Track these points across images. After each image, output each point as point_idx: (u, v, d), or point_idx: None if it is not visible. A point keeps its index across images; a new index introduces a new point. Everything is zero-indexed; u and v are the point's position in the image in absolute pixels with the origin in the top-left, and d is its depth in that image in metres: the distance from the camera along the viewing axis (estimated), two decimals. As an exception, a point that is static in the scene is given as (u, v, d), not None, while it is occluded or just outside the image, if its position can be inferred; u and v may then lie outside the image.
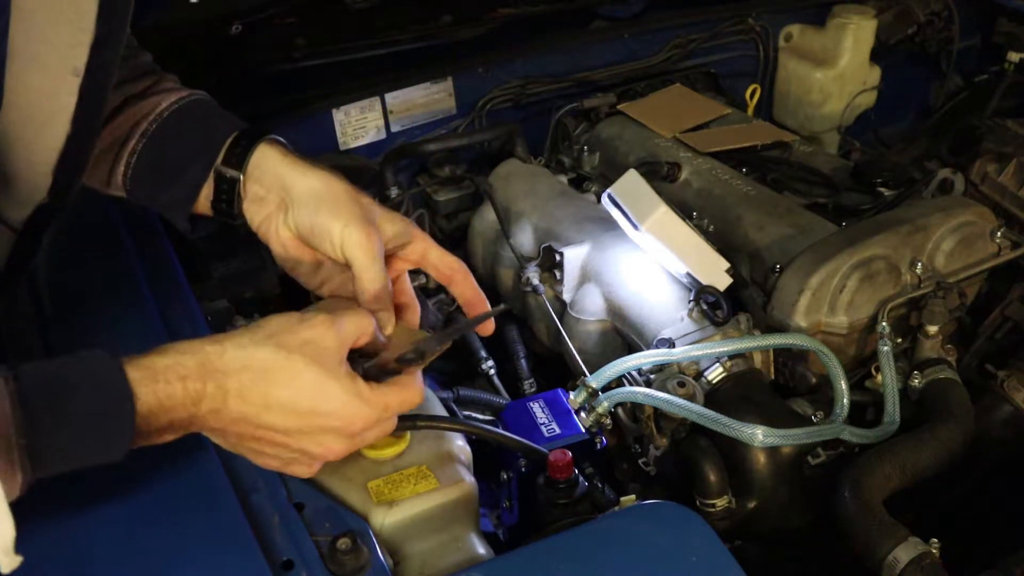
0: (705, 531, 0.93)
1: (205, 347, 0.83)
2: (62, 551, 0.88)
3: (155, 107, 1.05)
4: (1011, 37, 2.24)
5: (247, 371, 0.83)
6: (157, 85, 1.08)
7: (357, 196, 0.98)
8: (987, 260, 1.48)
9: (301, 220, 0.98)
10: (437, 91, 1.95)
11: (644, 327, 1.42)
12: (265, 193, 1.01)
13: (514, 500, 1.21)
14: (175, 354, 0.81)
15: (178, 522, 0.93)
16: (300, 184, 0.98)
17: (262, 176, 1.00)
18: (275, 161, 1.00)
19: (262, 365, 0.83)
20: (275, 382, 0.84)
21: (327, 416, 0.86)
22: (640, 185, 1.42)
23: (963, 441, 1.25)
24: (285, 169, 0.99)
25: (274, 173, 0.99)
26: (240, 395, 0.83)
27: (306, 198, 0.98)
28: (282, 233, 1.01)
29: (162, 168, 1.05)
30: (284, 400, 0.84)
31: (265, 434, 0.87)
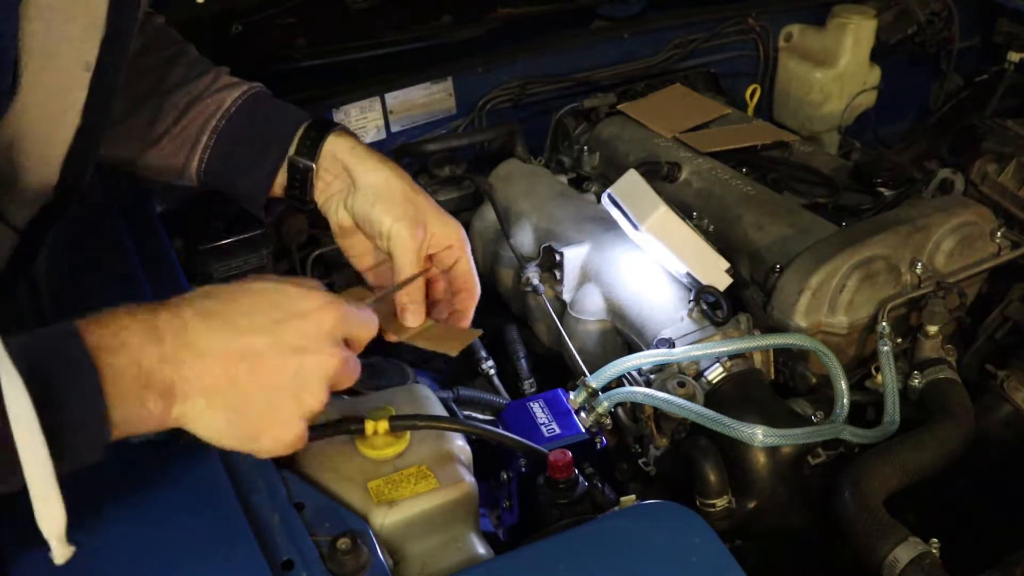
0: (705, 531, 0.93)
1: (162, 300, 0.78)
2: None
3: (221, 104, 1.11)
4: (1011, 37, 2.24)
5: (201, 292, 0.80)
6: (216, 82, 1.14)
7: (413, 195, 1.05)
8: (987, 260, 1.48)
9: (358, 209, 1.05)
10: (437, 91, 1.95)
11: (644, 327, 1.42)
12: (332, 179, 1.09)
13: (514, 500, 1.21)
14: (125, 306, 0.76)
15: (178, 522, 0.93)
16: (363, 176, 1.05)
17: (331, 165, 1.08)
18: (344, 151, 1.07)
19: (215, 290, 0.81)
20: (232, 295, 0.81)
21: (298, 316, 0.81)
22: (640, 185, 1.42)
23: (963, 441, 1.25)
24: (352, 160, 1.06)
25: (343, 163, 1.07)
26: (200, 311, 0.77)
27: (366, 190, 1.05)
28: (341, 215, 1.09)
29: (237, 161, 1.11)
30: (246, 307, 0.80)
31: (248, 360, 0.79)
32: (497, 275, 1.70)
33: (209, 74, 1.15)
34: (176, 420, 0.78)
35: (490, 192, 1.75)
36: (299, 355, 0.81)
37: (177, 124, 1.12)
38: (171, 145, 1.12)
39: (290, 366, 0.81)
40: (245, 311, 0.80)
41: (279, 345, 0.80)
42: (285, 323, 0.81)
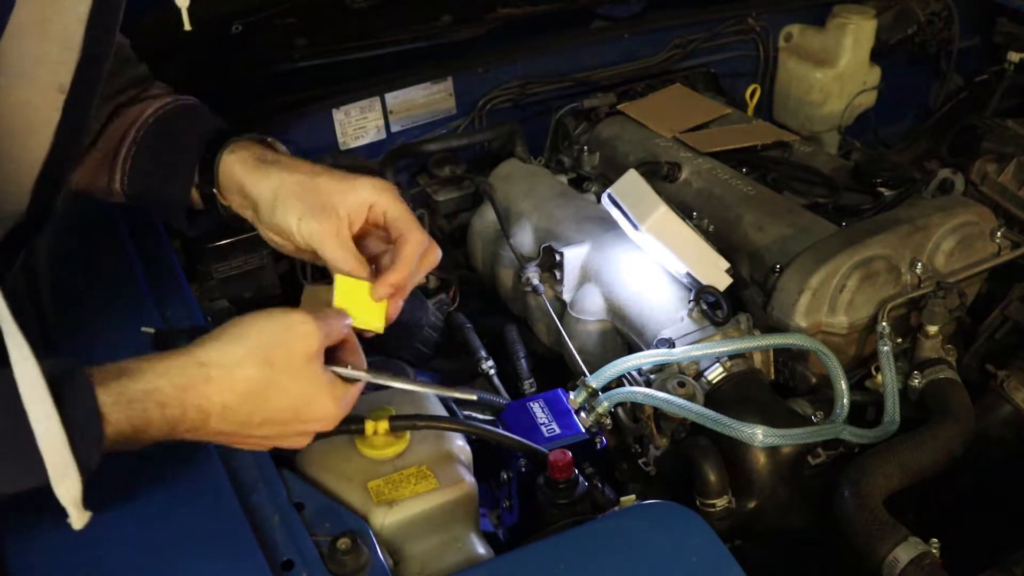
0: (705, 531, 0.93)
1: (186, 370, 0.81)
2: (63, 551, 0.88)
3: (140, 115, 1.07)
4: (1011, 37, 2.24)
5: (231, 393, 0.83)
6: (144, 92, 1.10)
7: (312, 181, 0.98)
8: (987, 260, 1.48)
9: (266, 222, 1.01)
10: (437, 91, 1.95)
11: (644, 327, 1.42)
12: (237, 200, 1.04)
13: (514, 500, 1.21)
14: (153, 377, 0.80)
15: (178, 522, 0.93)
16: (255, 190, 1.00)
17: (230, 187, 1.03)
18: (236, 170, 1.02)
19: (247, 387, 0.83)
20: (260, 402, 0.84)
21: (308, 421, 0.89)
22: (640, 185, 1.42)
23: (963, 441, 1.25)
24: (243, 177, 1.01)
25: (237, 184, 1.02)
26: (223, 417, 0.83)
27: (264, 202, 0.99)
28: (266, 234, 1.04)
29: (152, 176, 1.07)
30: (269, 416, 0.86)
31: (244, 440, 0.88)
32: (497, 275, 1.70)
33: (140, 85, 1.12)
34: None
35: (490, 192, 1.75)
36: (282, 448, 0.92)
37: (100, 136, 1.08)
38: (94, 159, 1.08)
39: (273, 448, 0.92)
40: (260, 421, 0.86)
41: (271, 444, 0.91)
42: (288, 437, 0.90)
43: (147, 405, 0.79)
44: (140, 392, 0.79)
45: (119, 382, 0.78)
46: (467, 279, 1.80)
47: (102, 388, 0.77)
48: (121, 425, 0.78)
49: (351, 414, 1.06)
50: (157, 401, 0.79)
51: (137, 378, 0.79)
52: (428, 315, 1.62)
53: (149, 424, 0.79)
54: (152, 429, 0.80)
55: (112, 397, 0.77)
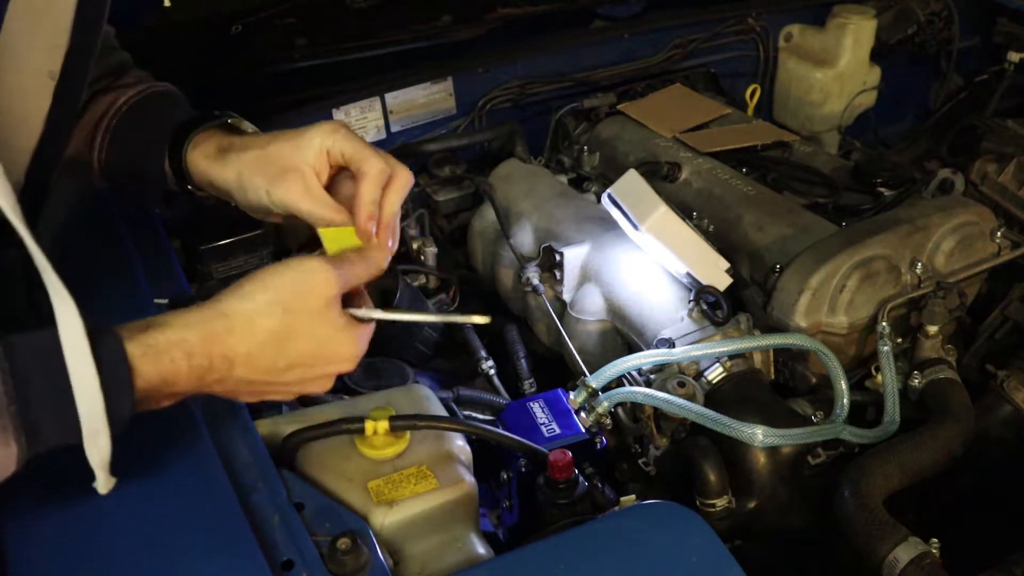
0: (705, 531, 0.93)
1: (210, 321, 0.83)
2: (63, 551, 0.88)
3: (114, 102, 1.09)
4: (1011, 37, 2.24)
5: (254, 342, 0.85)
6: (117, 81, 1.12)
7: (266, 154, 0.99)
8: (987, 260, 1.48)
9: (244, 205, 1.03)
10: (437, 91, 1.95)
11: (644, 327, 1.42)
12: (214, 191, 1.07)
13: (514, 500, 1.21)
14: (179, 328, 0.82)
15: (178, 522, 0.93)
16: (221, 179, 1.02)
17: (201, 181, 1.05)
18: (201, 165, 1.04)
19: (268, 334, 0.85)
20: (283, 347, 0.86)
21: (329, 363, 0.91)
22: (640, 185, 1.42)
23: (963, 441, 1.25)
24: (208, 170, 1.03)
25: (206, 178, 1.04)
26: (248, 364, 0.85)
27: (233, 188, 1.02)
28: (252, 213, 1.06)
29: (124, 163, 1.10)
30: (292, 360, 0.87)
31: (267, 387, 0.90)
32: (497, 275, 1.71)
33: (114, 73, 1.13)
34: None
35: (490, 192, 1.75)
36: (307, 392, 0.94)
37: (82, 117, 1.10)
38: (76, 138, 1.10)
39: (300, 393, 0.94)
40: (285, 365, 0.88)
41: (298, 388, 0.92)
42: (313, 379, 0.92)
43: (174, 355, 0.80)
44: (167, 343, 0.80)
45: (146, 334, 0.80)
46: (467, 279, 1.80)
47: (130, 341, 0.79)
48: (151, 377, 0.79)
49: (351, 415, 1.07)
50: (184, 351, 0.81)
51: (164, 330, 0.81)
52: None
53: (177, 375, 0.81)
54: (181, 381, 0.82)
55: (141, 349, 0.79)
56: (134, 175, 1.10)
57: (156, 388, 0.80)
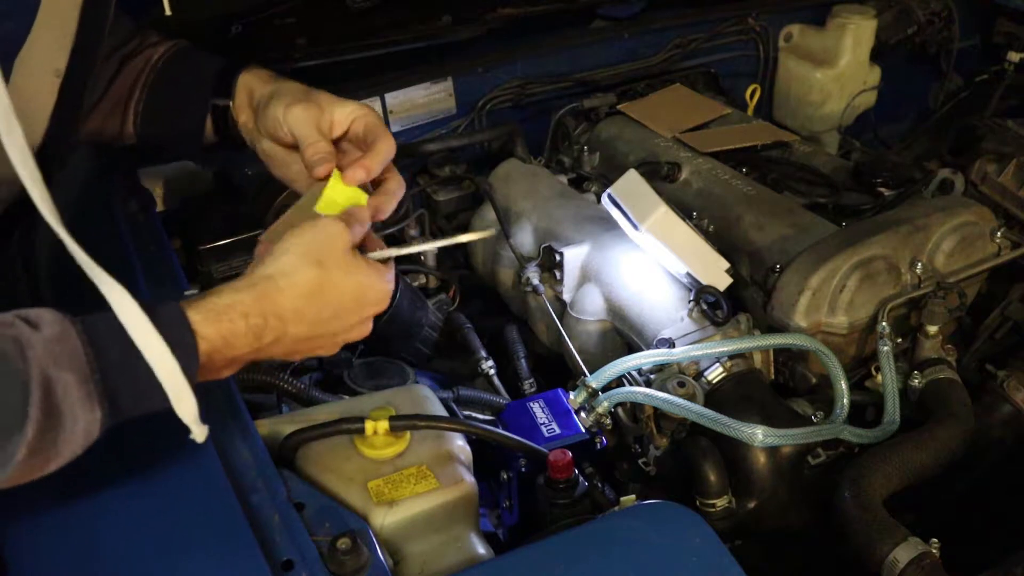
0: (705, 531, 0.93)
1: (258, 284, 0.89)
2: (64, 551, 0.88)
3: (149, 60, 1.18)
4: (1011, 37, 2.24)
5: (300, 296, 0.90)
6: (144, 41, 1.19)
7: (310, 91, 1.11)
8: (987, 260, 1.48)
9: (262, 121, 1.11)
10: (437, 91, 1.95)
11: (644, 327, 1.42)
12: (248, 114, 1.15)
13: (514, 500, 1.21)
14: (231, 292, 0.87)
15: (178, 522, 0.93)
16: (260, 90, 1.13)
17: (245, 100, 1.15)
18: (250, 81, 1.15)
19: (310, 287, 0.91)
20: (325, 297, 0.92)
21: (367, 305, 0.97)
22: (640, 185, 1.42)
23: (963, 441, 1.25)
24: (254, 83, 1.15)
25: (248, 91, 1.15)
26: (298, 319, 0.91)
27: (263, 99, 1.12)
28: (262, 144, 1.14)
29: (167, 111, 1.19)
30: (336, 308, 0.94)
31: (318, 341, 0.95)
32: (497, 275, 1.70)
33: (137, 36, 1.20)
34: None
35: (490, 192, 1.75)
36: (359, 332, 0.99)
37: (112, 84, 1.17)
38: (107, 105, 1.18)
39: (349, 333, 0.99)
40: (331, 315, 0.94)
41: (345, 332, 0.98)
42: (359, 322, 0.98)
43: (232, 316, 0.86)
44: (224, 306, 0.86)
45: (205, 300, 0.86)
46: (467, 279, 1.80)
47: (190, 308, 0.84)
48: (212, 338, 0.84)
49: (351, 415, 1.07)
50: (241, 312, 0.86)
51: (220, 295, 0.87)
52: (428, 315, 1.62)
53: (236, 335, 0.86)
54: (239, 342, 0.86)
55: (201, 314, 0.84)
56: (177, 118, 1.19)
57: (218, 350, 0.85)
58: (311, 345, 0.95)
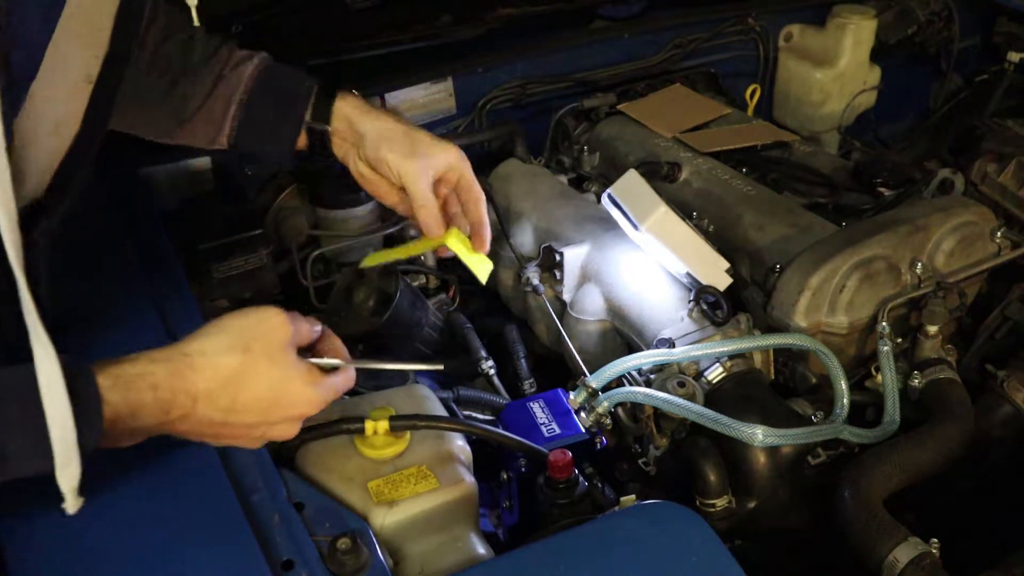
0: (705, 531, 0.93)
1: (173, 358, 0.88)
2: (63, 551, 0.88)
3: (241, 78, 1.25)
4: (1011, 37, 2.24)
5: (215, 379, 0.89)
6: (231, 58, 1.26)
7: (412, 133, 1.22)
8: (987, 260, 1.48)
9: (370, 155, 1.22)
10: (437, 91, 1.95)
11: (644, 327, 1.42)
12: (345, 136, 1.25)
13: (514, 500, 1.21)
14: (146, 362, 0.86)
15: (178, 522, 0.93)
16: (368, 128, 1.22)
17: (342, 124, 1.24)
18: (351, 111, 1.24)
19: (228, 372, 0.89)
20: (243, 386, 0.90)
21: (288, 406, 0.93)
22: (640, 185, 1.42)
23: (963, 441, 1.25)
24: (358, 117, 1.23)
25: (349, 120, 1.23)
26: (208, 400, 0.89)
27: (372, 138, 1.21)
28: (359, 166, 1.25)
29: (262, 129, 1.27)
30: (250, 400, 0.91)
31: (230, 429, 0.92)
32: (497, 275, 1.70)
33: (223, 50, 1.26)
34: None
35: (490, 192, 1.74)
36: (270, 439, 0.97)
37: (206, 101, 1.24)
38: (202, 120, 1.25)
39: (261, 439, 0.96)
40: (243, 407, 0.91)
41: (259, 434, 0.95)
42: (271, 424, 0.94)
43: (141, 387, 0.84)
44: (135, 375, 0.85)
45: (117, 366, 0.85)
46: (467, 279, 1.80)
47: (101, 373, 0.82)
48: (118, 406, 0.83)
49: (351, 415, 1.06)
50: (150, 383, 0.85)
51: (133, 363, 0.86)
52: (428, 315, 1.62)
53: (142, 406, 0.84)
54: (145, 413, 0.85)
55: (110, 380, 0.83)
56: (273, 132, 1.26)
57: (122, 419, 0.83)
58: (225, 432, 0.92)
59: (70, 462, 0.78)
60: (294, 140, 1.27)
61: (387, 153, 1.20)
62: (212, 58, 1.25)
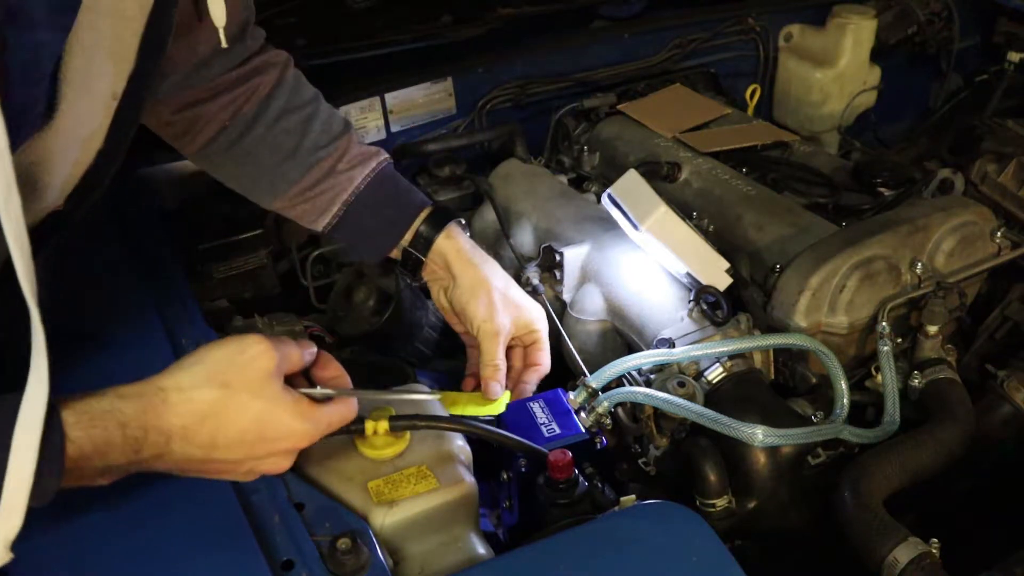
0: (705, 531, 0.93)
1: (145, 393, 0.84)
2: (62, 551, 0.88)
3: (352, 181, 1.28)
4: (1011, 37, 2.24)
5: (191, 415, 0.85)
6: (347, 153, 1.29)
7: (503, 291, 1.28)
8: (987, 260, 1.48)
9: (455, 302, 1.29)
10: (437, 91, 1.95)
11: (644, 327, 1.42)
12: (437, 270, 1.32)
13: (514, 500, 1.21)
14: (114, 398, 0.82)
15: (178, 522, 0.93)
16: (461, 276, 1.28)
17: (437, 259, 1.31)
18: (450, 253, 1.30)
19: (205, 408, 0.86)
20: (222, 422, 0.87)
21: (275, 440, 0.90)
22: (640, 185, 1.42)
23: (963, 441, 1.25)
24: (455, 260, 1.29)
25: (446, 261, 1.30)
26: (184, 438, 0.85)
27: (463, 287, 1.28)
28: (442, 299, 1.33)
29: (361, 233, 1.32)
30: (232, 436, 0.87)
31: (214, 466, 0.89)
32: (497, 275, 1.70)
33: (341, 140, 1.29)
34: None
35: (490, 192, 1.75)
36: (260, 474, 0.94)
37: (312, 190, 1.28)
38: (304, 205, 1.29)
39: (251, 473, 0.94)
40: (225, 443, 0.87)
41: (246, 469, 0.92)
42: (259, 459, 0.91)
43: (108, 424, 0.80)
44: (101, 411, 0.81)
45: (83, 402, 0.81)
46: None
47: (66, 408, 0.79)
48: (83, 444, 0.79)
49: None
50: (118, 421, 0.81)
51: (100, 399, 0.82)
52: (428, 315, 1.62)
53: (110, 445, 0.81)
54: (114, 452, 0.81)
55: (75, 416, 0.79)
56: (371, 239, 1.32)
57: (88, 457, 0.79)
58: (208, 468, 0.89)
59: (14, 511, 0.74)
60: (387, 251, 1.32)
61: (474, 310, 1.25)
62: (327, 149, 1.27)
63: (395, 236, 1.31)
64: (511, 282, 1.31)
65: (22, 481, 0.73)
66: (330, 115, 1.31)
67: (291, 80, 1.30)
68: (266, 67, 1.27)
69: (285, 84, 1.28)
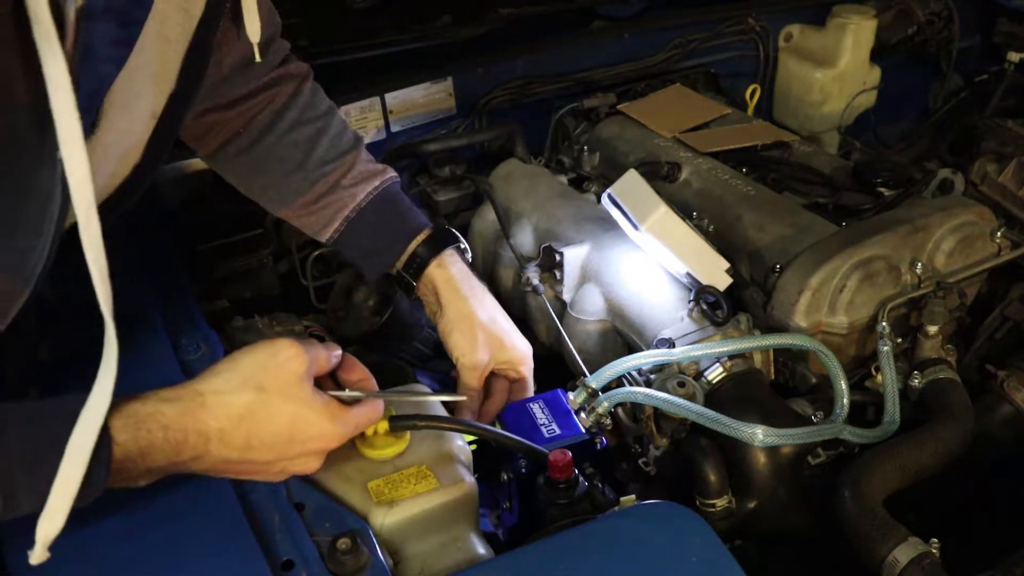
0: (705, 531, 0.93)
1: (183, 397, 0.88)
2: (62, 551, 0.88)
3: (355, 197, 1.31)
4: (1011, 37, 2.24)
5: (227, 418, 0.88)
6: (352, 170, 1.31)
7: (487, 326, 1.30)
8: (987, 260, 1.48)
9: (440, 329, 1.32)
10: (437, 91, 1.95)
11: (644, 327, 1.42)
12: (426, 296, 1.35)
13: (514, 500, 1.21)
14: (157, 402, 0.86)
15: (178, 522, 0.93)
16: (449, 306, 1.31)
17: (427, 285, 1.33)
18: (439, 281, 1.31)
19: (241, 411, 0.89)
20: (256, 424, 0.89)
21: (306, 441, 0.93)
22: (640, 185, 1.42)
23: (963, 441, 1.25)
24: (443, 290, 1.31)
25: (434, 289, 1.32)
26: (221, 440, 0.88)
27: (448, 317, 1.30)
28: (434, 319, 1.34)
29: (360, 248, 1.35)
30: (266, 438, 0.90)
31: (248, 467, 0.92)
32: (497, 275, 1.70)
33: (348, 155, 1.31)
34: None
35: (490, 192, 1.75)
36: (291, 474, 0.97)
37: (316, 203, 1.30)
38: (308, 217, 1.32)
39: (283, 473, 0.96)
40: (259, 444, 0.90)
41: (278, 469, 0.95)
42: (290, 459, 0.94)
43: (151, 426, 0.84)
44: (146, 415, 0.85)
45: (128, 405, 0.84)
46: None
47: (112, 412, 0.82)
48: (128, 446, 0.83)
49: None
50: (160, 423, 0.85)
51: (143, 403, 0.86)
52: (424, 316, 1.62)
53: (153, 446, 0.84)
54: (156, 453, 0.85)
55: (121, 420, 0.83)
56: (370, 256, 1.35)
57: (132, 459, 0.83)
58: (243, 469, 0.92)
59: (58, 511, 0.78)
60: (383, 271, 1.35)
61: (453, 339, 1.29)
62: (333, 164, 1.30)
63: (391, 256, 1.33)
64: (498, 315, 1.33)
65: (70, 484, 0.77)
66: (341, 130, 1.33)
67: (307, 93, 1.32)
68: (285, 79, 1.29)
69: (301, 96, 1.30)
